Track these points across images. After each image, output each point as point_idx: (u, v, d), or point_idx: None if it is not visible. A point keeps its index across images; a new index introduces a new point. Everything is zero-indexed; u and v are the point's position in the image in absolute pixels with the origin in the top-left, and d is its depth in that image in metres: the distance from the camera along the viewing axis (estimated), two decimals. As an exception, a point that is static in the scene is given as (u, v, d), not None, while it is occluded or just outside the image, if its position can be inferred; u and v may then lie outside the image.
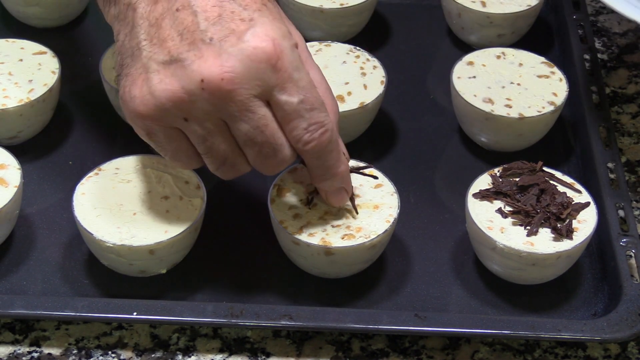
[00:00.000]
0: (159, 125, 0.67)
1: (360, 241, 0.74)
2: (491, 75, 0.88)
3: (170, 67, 0.65)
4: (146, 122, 0.67)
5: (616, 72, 0.99)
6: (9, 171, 0.78)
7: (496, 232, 0.75)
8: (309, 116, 0.67)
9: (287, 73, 0.66)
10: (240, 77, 0.65)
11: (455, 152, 0.89)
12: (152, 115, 0.66)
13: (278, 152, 0.68)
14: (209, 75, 0.64)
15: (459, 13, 0.96)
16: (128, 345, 0.74)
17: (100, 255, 0.76)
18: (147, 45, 0.66)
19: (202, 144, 0.68)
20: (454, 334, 0.73)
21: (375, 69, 0.88)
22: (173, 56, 0.65)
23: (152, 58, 0.66)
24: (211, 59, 0.64)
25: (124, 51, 0.68)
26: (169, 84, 0.65)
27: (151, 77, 0.66)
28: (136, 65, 0.67)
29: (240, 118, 0.66)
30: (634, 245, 0.78)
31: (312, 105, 0.67)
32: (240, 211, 0.83)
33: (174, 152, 0.70)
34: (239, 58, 0.64)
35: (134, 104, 0.66)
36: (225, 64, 0.64)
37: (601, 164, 0.84)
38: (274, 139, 0.67)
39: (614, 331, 0.72)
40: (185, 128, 0.67)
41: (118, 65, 0.69)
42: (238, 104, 0.65)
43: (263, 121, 0.67)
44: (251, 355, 0.73)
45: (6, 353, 0.73)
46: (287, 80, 0.66)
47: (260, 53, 0.65)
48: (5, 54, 0.89)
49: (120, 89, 0.68)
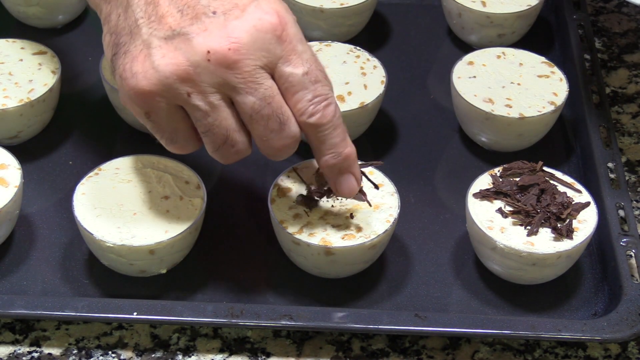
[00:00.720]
0: (161, 102, 0.67)
1: (360, 241, 0.74)
2: (491, 75, 0.88)
3: (173, 41, 0.65)
4: (148, 99, 0.66)
5: (616, 72, 0.99)
6: (9, 171, 0.78)
7: (496, 232, 0.75)
8: (314, 88, 0.67)
9: (291, 44, 0.66)
10: (247, 47, 0.65)
11: (456, 152, 0.89)
12: (155, 90, 0.66)
13: (284, 125, 0.67)
14: (216, 46, 0.64)
15: (459, 13, 0.96)
16: (128, 345, 0.74)
17: (101, 255, 0.76)
18: (145, 22, 0.66)
19: (204, 121, 0.67)
20: (454, 334, 0.73)
21: (376, 69, 0.88)
22: (175, 31, 0.65)
23: (152, 34, 0.66)
24: (216, 30, 0.65)
25: (119, 31, 0.68)
26: (173, 57, 0.65)
27: (154, 53, 0.65)
28: (135, 42, 0.66)
29: (246, 90, 0.66)
30: (634, 245, 0.78)
31: (316, 77, 0.67)
32: (240, 211, 0.83)
33: (171, 133, 0.69)
34: (245, 29, 0.65)
35: (136, 80, 0.66)
36: (232, 35, 0.65)
37: (601, 164, 0.84)
38: (281, 111, 0.67)
39: (614, 331, 0.72)
40: (187, 104, 0.67)
41: (112, 45, 0.68)
42: (244, 75, 0.65)
43: (269, 92, 0.66)
44: (251, 355, 0.73)
45: (6, 353, 0.73)
46: (291, 52, 0.66)
47: (266, 24, 0.65)
48: (5, 54, 0.89)
49: (119, 67, 0.67)
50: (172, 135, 0.69)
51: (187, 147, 0.70)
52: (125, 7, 0.67)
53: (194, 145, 0.70)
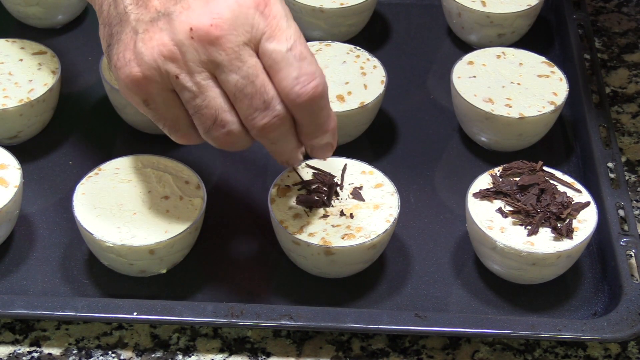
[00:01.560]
0: (155, 88, 0.66)
1: (360, 241, 0.74)
2: (491, 75, 0.88)
3: (158, 22, 0.65)
4: (142, 86, 0.66)
5: (616, 72, 0.99)
6: (9, 171, 0.78)
7: (496, 231, 0.75)
8: (299, 65, 0.66)
9: (275, 19, 0.65)
10: (229, 23, 0.64)
11: (456, 151, 0.89)
12: (147, 74, 0.65)
13: (268, 104, 0.66)
14: (198, 23, 0.64)
15: (459, 13, 0.96)
16: (128, 345, 0.74)
17: (101, 255, 0.76)
18: (133, 8, 0.66)
19: (192, 102, 0.67)
20: (454, 333, 0.73)
21: (376, 69, 0.88)
22: (160, 12, 0.65)
23: (139, 19, 0.65)
24: (199, 8, 0.64)
25: (111, 20, 0.68)
26: (159, 39, 0.65)
27: (141, 37, 0.65)
28: (125, 30, 0.66)
29: (230, 68, 0.65)
30: (634, 244, 0.78)
31: (302, 54, 0.66)
32: (240, 211, 0.83)
33: (173, 121, 0.68)
34: (227, 4, 0.64)
35: (129, 68, 0.66)
36: (214, 11, 0.64)
37: (601, 164, 0.84)
38: (264, 88, 0.66)
39: (614, 331, 0.72)
40: (177, 86, 0.66)
41: (107, 36, 0.68)
42: (228, 52, 0.65)
43: (253, 70, 0.65)
44: (251, 355, 0.73)
45: (6, 353, 0.73)
46: (275, 28, 0.65)
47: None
48: (5, 54, 0.89)
49: (114, 57, 0.67)
50: (173, 123, 0.69)
51: (190, 135, 0.69)
52: None
53: (197, 134, 0.69)
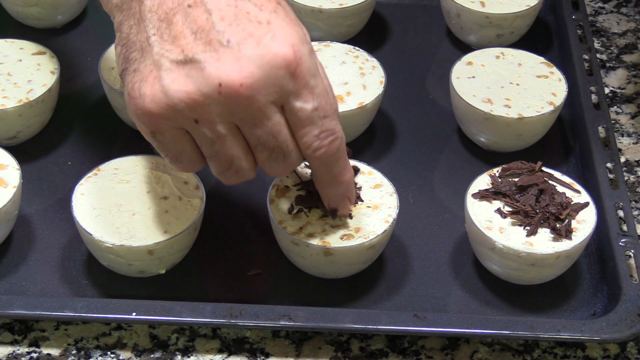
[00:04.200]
0: (167, 125, 0.66)
1: (359, 241, 0.74)
2: (490, 76, 0.88)
3: (185, 67, 0.63)
4: (154, 121, 0.65)
5: (615, 73, 0.99)
6: (8, 171, 0.78)
7: (495, 232, 0.75)
8: (322, 123, 0.67)
9: (304, 80, 0.65)
10: (259, 83, 0.63)
11: (455, 152, 0.89)
12: (162, 114, 0.64)
13: (287, 157, 0.68)
14: (228, 80, 0.63)
15: (458, 13, 0.96)
16: (127, 346, 0.74)
17: (100, 256, 0.76)
18: (157, 40, 0.64)
19: (210, 147, 0.67)
20: (453, 334, 0.73)
21: (375, 69, 0.88)
22: (188, 56, 0.63)
23: (164, 55, 0.64)
24: (229, 62, 0.63)
25: (130, 45, 0.66)
26: (184, 84, 0.63)
27: (163, 76, 0.64)
28: (146, 61, 0.65)
29: (255, 123, 0.65)
30: (633, 245, 0.78)
31: (325, 112, 0.66)
32: (239, 211, 0.83)
33: (176, 154, 0.68)
34: (258, 64, 0.63)
35: (144, 102, 0.64)
36: (245, 69, 0.63)
37: (600, 164, 0.84)
38: (286, 144, 0.67)
39: (613, 331, 0.72)
40: (194, 130, 0.66)
41: (122, 59, 0.67)
42: (254, 110, 0.64)
43: (277, 127, 0.66)
44: (250, 356, 0.73)
45: (5, 353, 0.73)
46: (303, 87, 0.65)
47: (280, 59, 0.63)
48: (4, 54, 0.89)
49: (128, 85, 0.66)
50: (176, 156, 0.68)
51: (192, 167, 0.70)
52: (138, 20, 0.66)
53: (199, 166, 0.69)
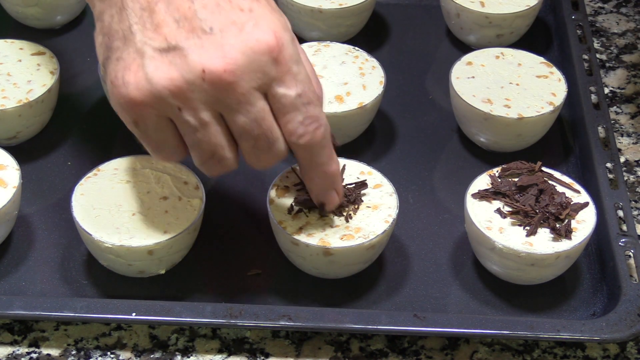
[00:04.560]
0: (150, 113, 0.66)
1: (359, 241, 0.74)
2: (490, 76, 0.88)
3: (168, 54, 0.64)
4: (137, 109, 0.66)
5: (615, 73, 0.99)
6: (8, 172, 0.78)
7: (495, 232, 0.75)
8: (305, 110, 0.67)
9: (287, 66, 0.65)
10: (242, 69, 0.64)
11: (454, 152, 0.89)
12: (146, 102, 0.65)
13: (272, 145, 0.68)
14: (211, 66, 0.63)
15: (458, 13, 0.96)
16: (127, 346, 0.74)
17: (99, 256, 0.76)
18: (139, 29, 0.65)
19: (192, 135, 0.67)
20: (453, 334, 0.73)
21: (374, 69, 0.88)
22: (171, 44, 0.64)
23: (147, 43, 0.64)
24: (213, 49, 0.64)
25: (112, 33, 0.66)
26: (167, 72, 0.64)
27: (147, 64, 0.64)
28: (129, 49, 0.65)
29: (238, 110, 0.66)
30: (633, 245, 0.78)
31: (309, 99, 0.67)
32: (239, 211, 0.83)
33: (158, 143, 0.68)
34: (241, 50, 0.64)
35: (127, 90, 0.65)
36: (228, 56, 0.64)
37: (600, 164, 0.84)
38: (270, 132, 0.67)
39: (612, 331, 0.72)
40: (177, 118, 0.66)
41: (104, 48, 0.67)
42: (238, 96, 0.65)
43: (261, 114, 0.66)
44: (250, 356, 0.73)
45: (5, 354, 0.73)
46: (286, 73, 0.66)
47: (263, 45, 0.64)
48: (4, 55, 0.89)
49: (111, 73, 0.66)
50: (158, 146, 0.69)
51: (173, 156, 0.70)
52: (119, 9, 0.66)
53: (180, 156, 0.70)
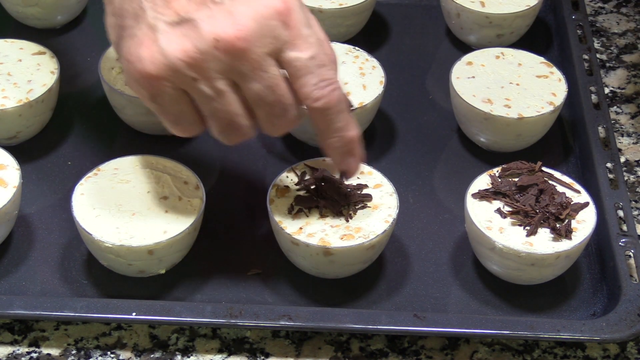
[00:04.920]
0: (166, 86, 0.67)
1: (359, 241, 0.74)
2: (490, 76, 0.88)
3: (180, 27, 0.65)
4: (153, 83, 0.66)
5: (615, 73, 0.99)
6: (8, 171, 0.78)
7: (495, 232, 0.75)
8: (319, 72, 0.67)
9: (297, 29, 0.66)
10: (254, 35, 0.65)
11: (454, 152, 0.89)
12: (161, 75, 0.66)
13: (287, 112, 0.68)
14: (223, 35, 0.64)
15: (458, 13, 0.96)
16: (127, 346, 0.74)
17: (99, 256, 0.76)
18: (150, 6, 0.66)
19: (209, 105, 0.68)
20: (453, 334, 0.73)
21: (374, 69, 0.88)
22: (182, 17, 0.65)
23: (158, 19, 0.66)
24: (223, 18, 0.65)
25: (123, 13, 0.68)
26: (181, 43, 0.65)
27: (160, 38, 0.65)
28: (140, 26, 0.66)
29: (253, 77, 0.66)
30: (633, 245, 0.78)
31: (322, 61, 0.67)
32: (239, 211, 0.83)
33: (176, 116, 0.69)
34: (251, 16, 0.65)
35: (142, 65, 0.66)
36: (239, 23, 0.65)
37: (600, 164, 0.84)
38: (285, 98, 0.68)
39: (613, 331, 0.72)
40: (193, 89, 0.67)
41: (117, 28, 0.68)
42: (251, 62, 0.65)
43: (275, 80, 0.67)
44: (250, 356, 0.73)
45: (5, 353, 0.73)
46: (297, 37, 0.66)
47: (272, 10, 0.65)
48: (4, 54, 0.89)
49: (125, 51, 0.67)
50: (176, 118, 0.69)
51: (192, 129, 0.70)
52: None
53: (198, 128, 0.70)
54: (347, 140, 0.71)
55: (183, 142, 0.88)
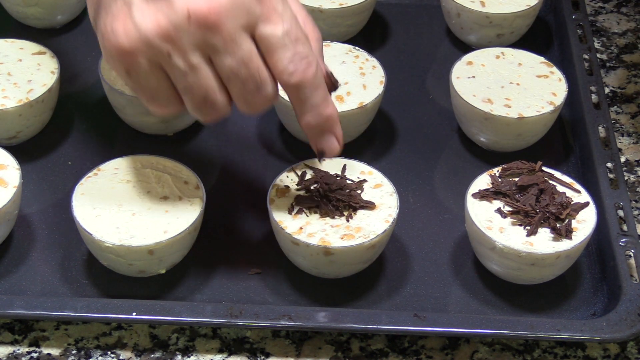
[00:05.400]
0: (141, 60, 0.67)
1: (359, 241, 0.74)
2: (490, 75, 0.88)
3: (154, 2, 0.65)
4: (127, 57, 0.67)
5: (615, 72, 0.99)
6: (8, 171, 0.78)
7: (495, 232, 0.75)
8: (293, 47, 0.67)
9: (271, 4, 0.66)
10: (226, 8, 0.65)
11: (455, 152, 0.89)
12: (135, 48, 0.66)
13: (261, 88, 0.68)
14: (196, 7, 0.65)
15: (458, 13, 0.96)
16: (127, 346, 0.74)
17: (100, 256, 0.76)
18: None
19: (184, 80, 0.68)
20: (453, 334, 0.73)
21: (375, 69, 0.88)
22: None
23: None
24: None
25: None
26: (154, 17, 0.65)
27: (134, 12, 0.66)
28: (117, 2, 0.67)
29: (226, 51, 0.66)
30: (633, 245, 0.78)
31: (296, 36, 0.67)
32: (239, 211, 0.83)
33: (152, 92, 0.69)
34: None
35: (116, 38, 0.66)
36: None
37: (600, 164, 0.84)
38: (258, 73, 0.67)
39: (613, 331, 0.72)
40: (167, 63, 0.67)
41: (95, 5, 0.69)
42: (224, 36, 0.65)
43: (247, 55, 0.66)
44: (250, 356, 0.73)
45: (5, 353, 0.73)
46: (271, 11, 0.66)
47: None
48: (4, 54, 0.89)
49: (100, 26, 0.68)
50: (153, 95, 0.69)
51: (168, 106, 0.70)
52: None
53: (175, 106, 0.70)
54: (324, 118, 0.70)
55: (183, 142, 0.89)
